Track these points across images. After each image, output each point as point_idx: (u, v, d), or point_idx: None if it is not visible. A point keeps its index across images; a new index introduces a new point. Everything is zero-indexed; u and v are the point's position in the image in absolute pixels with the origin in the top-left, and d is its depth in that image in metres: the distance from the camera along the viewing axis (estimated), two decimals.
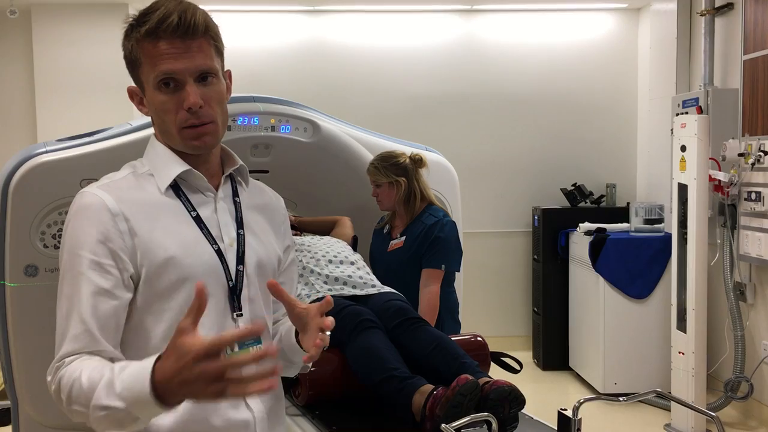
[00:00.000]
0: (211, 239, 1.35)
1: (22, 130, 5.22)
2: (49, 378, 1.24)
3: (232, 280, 1.36)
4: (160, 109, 1.33)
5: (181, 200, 1.36)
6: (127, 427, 1.14)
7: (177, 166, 1.36)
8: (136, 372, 1.10)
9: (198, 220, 1.36)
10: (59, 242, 2.59)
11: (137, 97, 1.39)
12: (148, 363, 1.09)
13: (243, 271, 1.37)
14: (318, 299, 2.49)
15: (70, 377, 1.19)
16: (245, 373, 1.03)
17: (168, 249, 1.29)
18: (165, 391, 1.07)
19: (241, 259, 1.37)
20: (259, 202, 1.49)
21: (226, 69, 1.41)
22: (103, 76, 4.99)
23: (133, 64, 1.35)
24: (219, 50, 1.37)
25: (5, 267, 2.54)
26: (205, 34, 1.32)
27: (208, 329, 1.31)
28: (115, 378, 1.12)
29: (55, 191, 2.53)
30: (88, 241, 1.26)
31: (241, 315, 1.37)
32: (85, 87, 5.07)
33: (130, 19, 1.35)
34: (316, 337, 1.27)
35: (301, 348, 1.37)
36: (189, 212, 1.35)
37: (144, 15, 1.31)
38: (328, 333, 1.28)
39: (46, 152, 2.59)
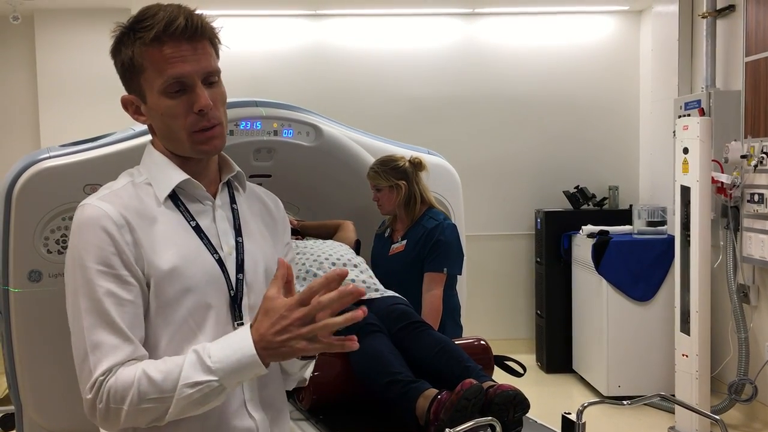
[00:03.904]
0: (212, 249, 1.34)
1: (25, 135, 5.23)
2: (88, 396, 1.21)
3: (233, 289, 1.34)
4: (168, 114, 1.30)
5: (179, 210, 1.35)
6: (207, 404, 1.21)
7: (175, 176, 1.34)
8: (230, 343, 1.20)
9: (198, 230, 1.34)
10: (63, 248, 2.61)
11: (133, 106, 1.36)
12: (243, 331, 1.20)
13: (243, 280, 1.36)
14: None
15: (126, 381, 1.19)
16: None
17: (170, 260, 1.28)
18: (263, 349, 1.18)
19: (240, 267, 1.36)
20: (256, 208, 1.48)
21: None
22: (106, 81, 4.93)
23: (133, 71, 1.31)
24: (218, 52, 1.36)
25: (9, 273, 2.55)
26: (209, 36, 1.32)
27: (211, 337, 1.31)
28: (203, 357, 1.19)
29: (58, 197, 2.54)
30: (99, 255, 1.24)
31: (243, 323, 1.34)
32: (88, 92, 5.07)
33: (122, 27, 1.32)
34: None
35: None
36: (188, 222, 1.34)
37: (141, 20, 1.28)
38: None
39: (50, 158, 2.59)
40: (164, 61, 1.28)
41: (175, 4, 1.29)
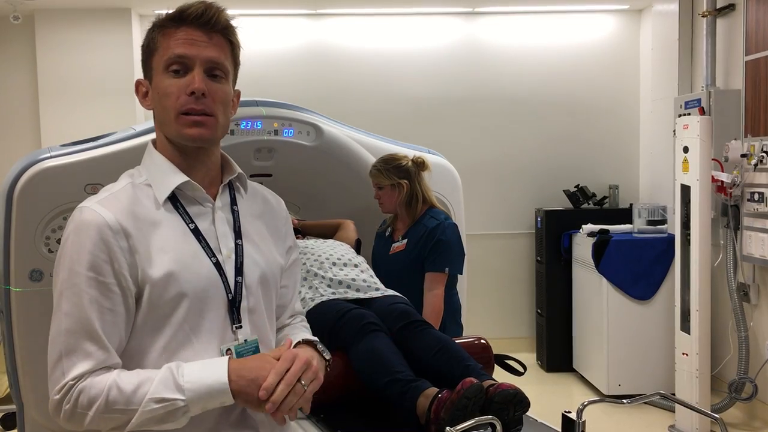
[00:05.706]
0: (210, 252, 1.34)
1: (26, 135, 5.23)
2: (56, 397, 1.23)
3: (231, 292, 1.35)
4: (164, 93, 1.32)
5: (179, 212, 1.34)
6: (167, 423, 1.22)
7: (175, 177, 1.34)
8: (205, 367, 1.25)
9: (196, 233, 1.34)
10: None
11: (142, 90, 1.39)
12: (221, 359, 1.27)
13: (242, 283, 1.36)
14: (321, 303, 2.51)
15: (100, 388, 1.21)
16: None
17: (166, 265, 1.28)
18: (232, 382, 1.23)
19: (239, 270, 1.36)
20: (258, 209, 1.47)
21: (236, 88, 1.42)
22: (106, 81, 5.00)
23: (148, 52, 1.36)
24: (234, 56, 1.38)
25: (10, 272, 2.55)
26: (225, 31, 1.35)
27: (207, 342, 1.31)
28: (175, 374, 1.22)
29: (59, 196, 2.54)
30: (89, 260, 1.25)
31: (241, 327, 1.36)
32: (88, 92, 5.07)
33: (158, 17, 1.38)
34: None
35: None
36: (187, 224, 1.34)
37: (173, 11, 1.35)
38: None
39: (51, 157, 2.59)
40: (174, 41, 1.32)
41: (209, 2, 1.35)
